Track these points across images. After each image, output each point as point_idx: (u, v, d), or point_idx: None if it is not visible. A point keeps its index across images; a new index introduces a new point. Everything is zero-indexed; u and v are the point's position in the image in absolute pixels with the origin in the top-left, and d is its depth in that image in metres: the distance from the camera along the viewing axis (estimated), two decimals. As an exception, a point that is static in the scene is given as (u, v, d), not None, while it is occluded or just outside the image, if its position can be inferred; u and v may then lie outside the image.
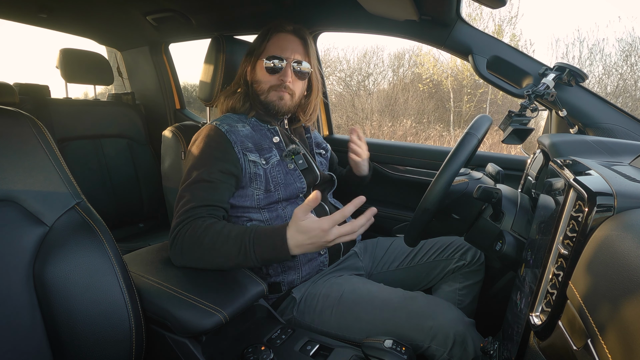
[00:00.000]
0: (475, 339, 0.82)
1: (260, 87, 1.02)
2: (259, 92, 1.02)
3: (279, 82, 0.99)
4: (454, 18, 1.13)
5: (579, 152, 0.75)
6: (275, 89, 1.00)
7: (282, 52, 0.99)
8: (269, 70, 0.99)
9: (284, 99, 1.01)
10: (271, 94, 1.01)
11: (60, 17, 1.70)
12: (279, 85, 1.00)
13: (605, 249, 0.39)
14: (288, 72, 0.99)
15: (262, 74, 1.01)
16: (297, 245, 0.74)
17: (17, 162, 0.63)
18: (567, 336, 0.41)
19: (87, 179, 1.74)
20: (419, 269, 1.11)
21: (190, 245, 0.79)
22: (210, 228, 0.79)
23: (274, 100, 1.01)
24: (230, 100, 1.05)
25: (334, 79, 8.81)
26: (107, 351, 0.64)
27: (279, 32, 1.02)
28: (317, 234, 0.71)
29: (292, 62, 1.00)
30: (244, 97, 1.04)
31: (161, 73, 2.05)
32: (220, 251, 0.77)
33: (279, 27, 1.02)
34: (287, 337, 0.79)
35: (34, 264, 0.61)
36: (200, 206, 0.84)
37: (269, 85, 1.00)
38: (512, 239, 0.72)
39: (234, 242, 0.76)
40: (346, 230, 0.72)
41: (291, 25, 1.02)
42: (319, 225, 0.71)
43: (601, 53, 6.71)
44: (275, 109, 1.01)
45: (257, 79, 1.02)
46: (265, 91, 1.01)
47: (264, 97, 1.01)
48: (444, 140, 7.20)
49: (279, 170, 0.97)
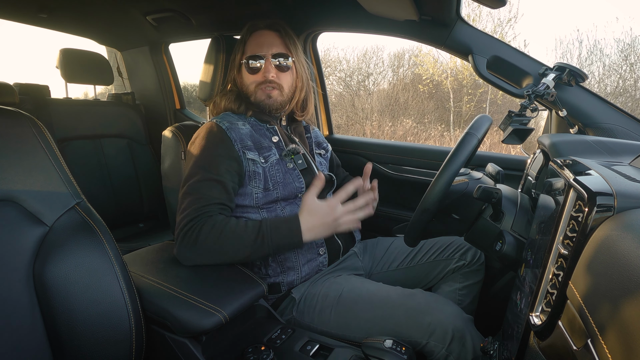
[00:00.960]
0: (473, 335, 0.82)
1: (247, 89, 1.02)
2: (248, 94, 1.03)
3: (263, 79, 1.00)
4: (454, 18, 1.13)
5: (579, 152, 0.75)
6: (261, 87, 1.00)
7: (259, 49, 1.00)
8: (251, 70, 1.00)
9: (273, 95, 1.01)
10: (258, 93, 1.01)
11: (60, 17, 1.70)
12: (263, 82, 1.00)
13: (605, 249, 0.39)
14: (269, 68, 0.99)
15: (246, 76, 1.02)
16: (309, 228, 0.83)
17: (17, 162, 0.63)
18: (567, 336, 0.41)
19: (87, 179, 1.74)
20: (418, 269, 1.11)
21: (206, 239, 0.81)
22: (229, 222, 0.84)
23: (262, 99, 1.01)
24: (224, 101, 1.05)
25: (334, 79, 8.81)
26: (107, 351, 0.64)
27: (255, 31, 1.03)
28: (325, 212, 0.83)
29: (270, 56, 1.00)
30: (239, 100, 1.05)
31: (161, 73, 2.05)
32: (239, 239, 0.82)
33: (254, 26, 1.03)
34: (287, 337, 0.79)
35: (34, 264, 0.61)
36: (211, 204, 0.85)
37: (254, 85, 1.01)
38: (512, 239, 0.72)
39: (251, 231, 0.83)
40: (349, 207, 0.83)
41: (264, 22, 1.03)
42: (326, 204, 0.83)
43: (601, 52, 6.72)
44: (267, 107, 1.02)
45: (243, 81, 1.03)
46: (252, 92, 1.02)
47: (253, 98, 1.02)
48: (444, 140, 7.20)
49: (277, 169, 0.97)
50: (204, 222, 0.82)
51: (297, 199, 1.00)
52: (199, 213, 0.83)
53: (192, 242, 0.81)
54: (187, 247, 0.82)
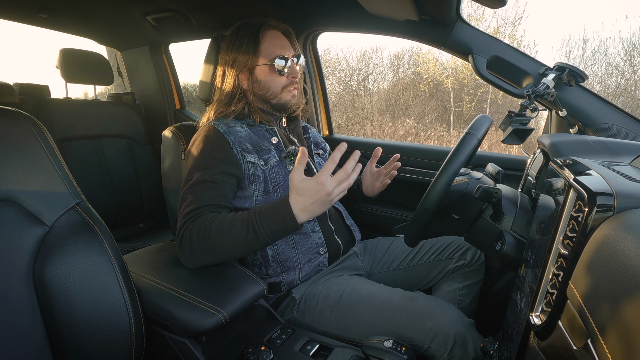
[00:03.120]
0: (475, 339, 0.82)
1: (270, 91, 0.99)
2: (269, 96, 1.00)
3: (290, 81, 1.00)
4: (454, 18, 1.13)
5: (579, 152, 0.75)
6: (288, 88, 1.00)
7: (283, 51, 0.99)
8: (279, 72, 0.98)
9: (296, 95, 1.02)
10: (284, 94, 1.00)
11: (60, 17, 1.70)
12: (289, 84, 1.00)
13: (605, 249, 0.39)
14: (295, 69, 1.00)
15: (271, 77, 0.98)
16: (302, 209, 0.75)
17: (17, 162, 0.63)
18: (567, 336, 0.41)
19: (87, 179, 1.74)
20: (418, 269, 1.11)
21: (198, 239, 0.79)
22: (216, 218, 0.80)
23: (288, 99, 1.01)
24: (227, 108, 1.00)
25: (333, 79, 8.81)
26: (107, 351, 0.64)
27: (268, 31, 1.00)
28: (316, 189, 0.73)
29: (293, 57, 1.00)
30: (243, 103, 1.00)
31: (161, 73, 2.05)
32: (230, 236, 0.77)
33: (266, 25, 1.00)
34: (287, 337, 0.79)
35: (34, 264, 0.61)
36: (205, 206, 0.84)
37: (281, 87, 0.99)
38: (512, 239, 0.72)
39: (240, 224, 0.78)
40: (340, 176, 0.74)
41: (275, 22, 1.02)
42: (315, 180, 0.73)
43: (605, 52, 6.70)
44: (292, 108, 1.02)
45: (264, 82, 0.99)
46: (278, 93, 1.00)
47: (277, 100, 1.00)
48: (444, 140, 7.20)
49: (277, 171, 0.97)
50: (194, 225, 0.80)
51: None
52: (191, 216, 0.82)
53: (188, 245, 0.80)
54: (185, 251, 0.81)
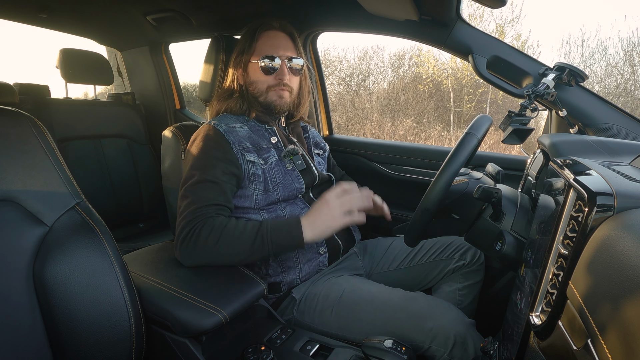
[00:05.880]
0: (475, 339, 0.82)
1: (257, 88, 1.01)
2: (256, 94, 1.01)
3: (277, 82, 0.99)
4: (454, 18, 1.13)
5: (579, 152, 0.75)
6: (274, 88, 1.00)
7: (274, 50, 0.99)
8: (265, 70, 0.99)
9: (284, 97, 1.01)
10: (270, 94, 1.00)
11: (60, 17, 1.70)
12: (277, 84, 1.00)
13: (605, 249, 0.39)
14: (284, 71, 0.99)
15: (258, 75, 1.00)
16: (309, 223, 0.84)
17: (17, 162, 0.63)
18: (567, 336, 0.41)
19: (87, 179, 1.74)
20: (418, 269, 1.11)
21: (206, 241, 0.81)
22: (228, 222, 0.84)
23: (274, 99, 1.00)
24: (225, 103, 1.03)
25: (334, 79, 8.80)
26: (107, 351, 0.64)
27: (267, 30, 1.01)
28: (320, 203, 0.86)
29: (285, 59, 1.00)
30: (241, 99, 1.03)
31: (161, 73, 2.05)
32: (239, 241, 0.82)
33: (266, 25, 1.01)
34: (287, 337, 0.79)
35: (34, 264, 0.61)
36: (207, 205, 0.85)
37: (266, 86, 1.00)
38: (512, 239, 0.72)
39: (250, 232, 0.83)
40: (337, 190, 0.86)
41: (277, 22, 1.02)
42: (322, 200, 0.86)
43: (605, 52, 6.69)
44: (277, 108, 1.01)
45: (253, 80, 1.01)
46: (263, 92, 1.01)
47: (263, 98, 1.01)
48: (444, 140, 7.20)
49: (277, 170, 0.97)
50: (203, 224, 0.82)
51: (297, 199, 1.00)
52: (196, 215, 0.83)
53: (192, 245, 0.81)
54: (187, 250, 0.81)
